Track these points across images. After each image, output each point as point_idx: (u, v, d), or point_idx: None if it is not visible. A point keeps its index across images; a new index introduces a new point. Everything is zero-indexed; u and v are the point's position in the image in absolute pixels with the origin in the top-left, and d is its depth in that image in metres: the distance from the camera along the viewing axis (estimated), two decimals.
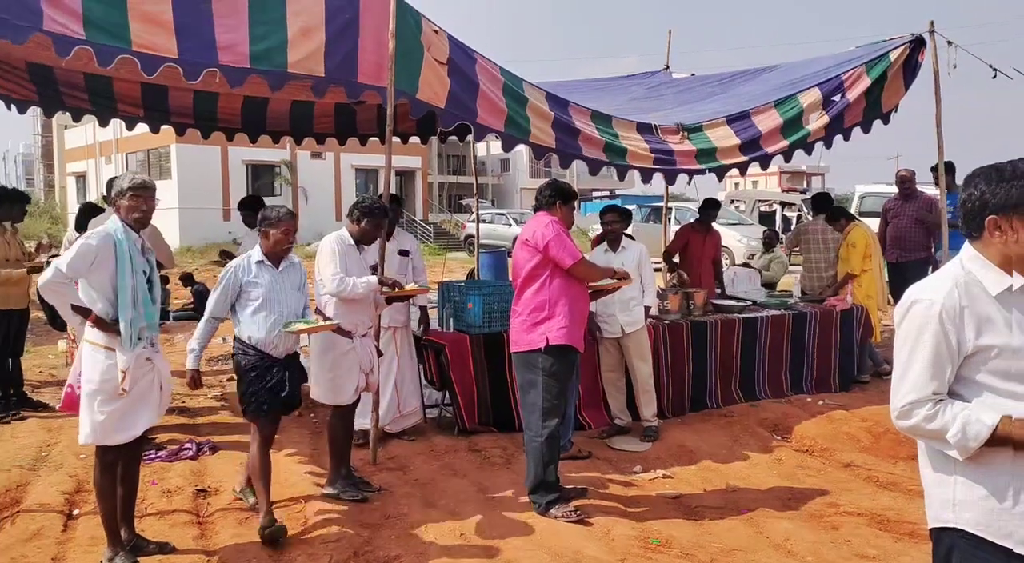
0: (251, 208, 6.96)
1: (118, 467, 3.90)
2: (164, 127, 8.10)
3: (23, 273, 6.37)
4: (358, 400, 5.00)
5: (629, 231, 6.60)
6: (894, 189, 15.35)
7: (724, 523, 4.56)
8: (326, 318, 4.67)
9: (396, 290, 4.97)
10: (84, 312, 3.77)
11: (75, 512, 4.60)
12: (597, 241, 6.87)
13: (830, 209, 8.33)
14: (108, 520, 3.87)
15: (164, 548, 4.04)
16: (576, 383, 5.83)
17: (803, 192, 37.41)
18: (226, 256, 7.19)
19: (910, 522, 4.50)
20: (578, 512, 4.54)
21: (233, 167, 33.19)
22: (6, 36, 4.15)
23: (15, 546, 4.13)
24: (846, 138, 7.40)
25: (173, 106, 7.63)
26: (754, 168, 7.43)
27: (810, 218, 9.50)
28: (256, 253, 4.36)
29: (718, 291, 8.10)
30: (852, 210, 12.60)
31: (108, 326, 3.74)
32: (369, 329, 4.97)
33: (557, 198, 4.79)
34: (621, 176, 6.65)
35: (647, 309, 6.17)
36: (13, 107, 7.03)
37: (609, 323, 6.05)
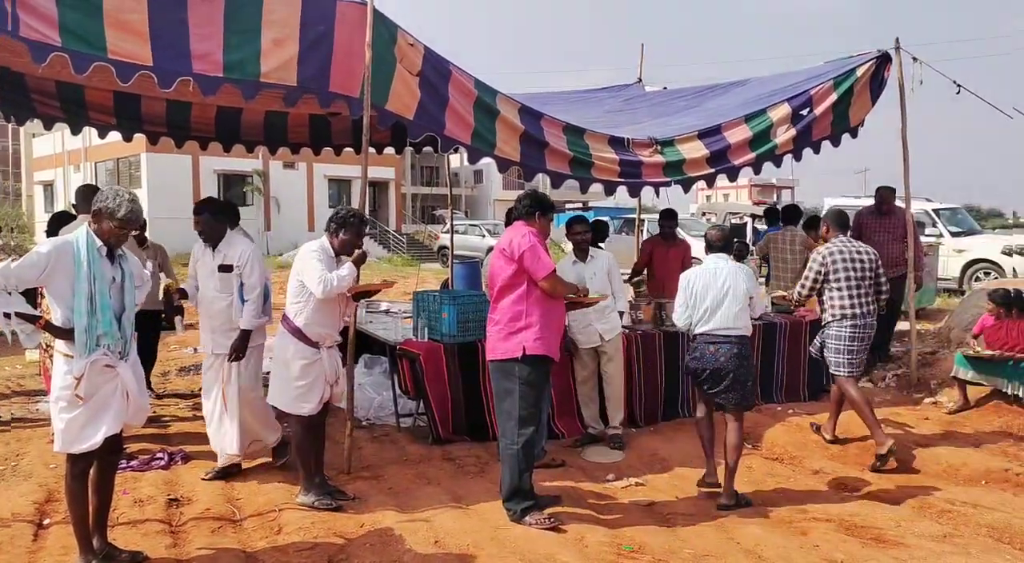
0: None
1: (88, 475, 3.87)
2: (136, 136, 8.07)
3: None
4: (325, 410, 4.99)
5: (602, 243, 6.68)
6: (863, 203, 15.54)
7: (696, 529, 4.62)
8: None
9: (364, 286, 4.96)
10: (30, 319, 3.74)
11: (46, 522, 4.55)
12: None
13: (802, 220, 8.47)
14: (79, 528, 3.84)
15: (136, 557, 4.01)
16: (549, 391, 5.88)
17: (773, 205, 37.88)
18: None
19: (877, 527, 4.60)
20: (552, 519, 4.57)
21: (204, 176, 32.96)
22: None
23: None
24: (816, 151, 7.54)
25: (146, 115, 7.60)
26: (725, 181, 7.55)
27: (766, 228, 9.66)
28: None
29: None
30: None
31: (61, 332, 3.70)
32: (336, 341, 4.98)
33: (536, 209, 4.82)
34: (583, 189, 6.73)
35: (620, 314, 6.26)
36: None
37: (586, 333, 6.08)
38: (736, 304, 5.05)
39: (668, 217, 8.38)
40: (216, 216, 5.33)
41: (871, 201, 8.92)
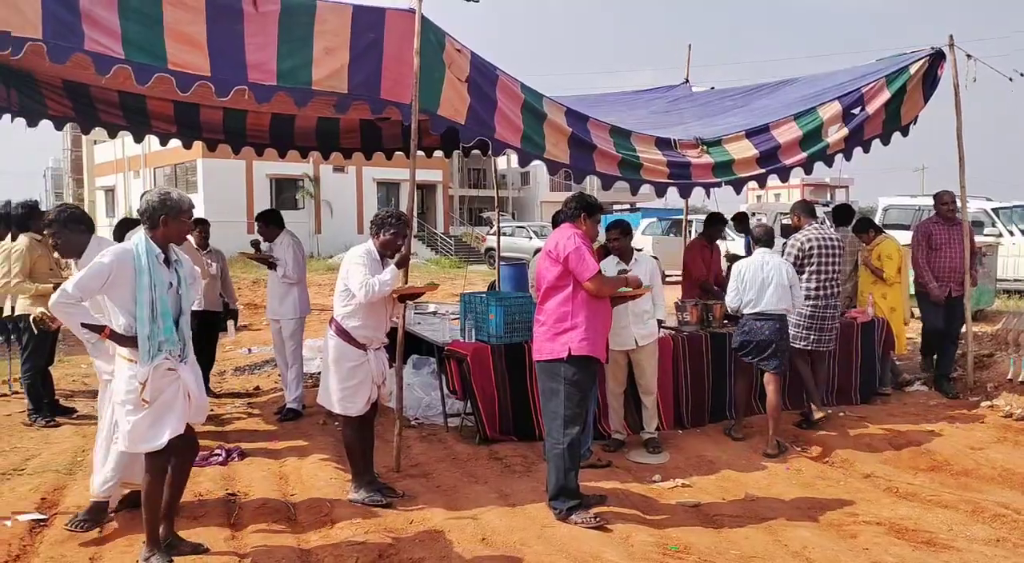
0: (265, 221, 7.13)
1: (166, 472, 4.00)
2: (194, 142, 8.35)
3: (49, 288, 6.47)
4: (374, 409, 5.08)
5: (646, 245, 6.69)
6: (919, 202, 15.03)
7: (742, 531, 4.61)
8: None
9: (409, 286, 5.03)
10: (97, 329, 3.82)
11: (111, 514, 4.73)
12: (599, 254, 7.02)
13: (853, 221, 8.33)
14: (150, 521, 3.97)
15: (198, 549, 4.15)
16: (595, 393, 5.91)
17: (826, 205, 37.27)
18: (256, 247, 7.36)
19: (928, 531, 4.54)
20: (598, 518, 4.61)
21: (257, 181, 33.67)
22: (49, 55, 4.34)
23: (54, 546, 4.27)
24: (866, 150, 7.45)
25: (204, 123, 7.84)
26: (776, 181, 7.49)
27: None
28: None
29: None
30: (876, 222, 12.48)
31: (125, 340, 3.81)
32: (383, 343, 5.07)
33: (582, 211, 4.87)
34: (634, 191, 6.75)
35: (660, 322, 6.26)
36: (50, 123, 7.28)
37: (621, 335, 5.97)
38: (778, 290, 6.11)
39: (719, 222, 8.31)
40: (68, 226, 4.48)
41: (927, 200, 8.66)
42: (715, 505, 5.06)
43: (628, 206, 42.07)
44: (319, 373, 8.44)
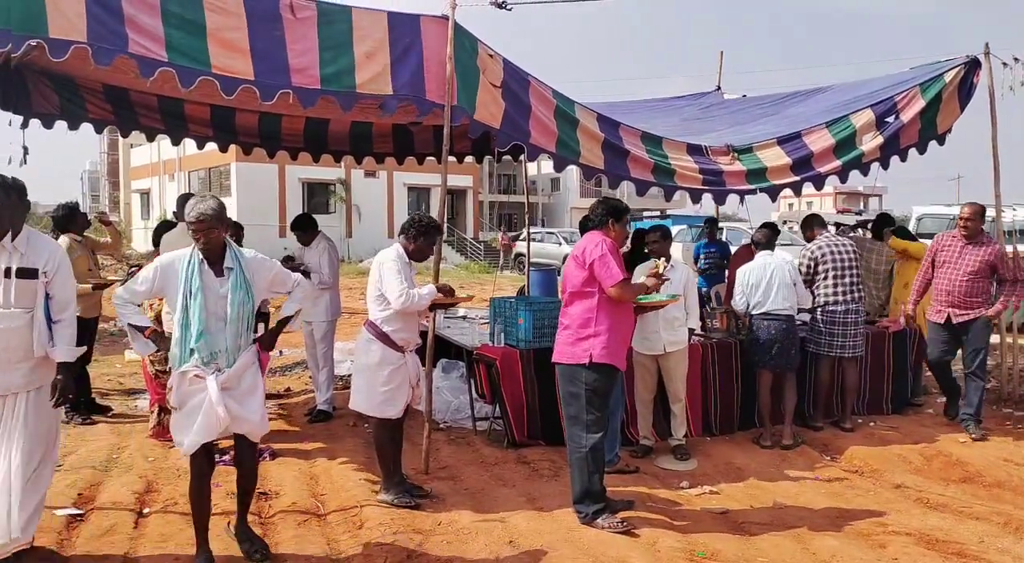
0: (303, 228, 7.22)
1: (205, 477, 4.03)
2: (230, 146, 8.48)
3: (88, 288, 6.59)
4: (404, 412, 5.12)
5: (675, 252, 6.73)
6: (954, 211, 14.74)
7: (770, 539, 4.60)
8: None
9: (446, 297, 5.09)
10: (141, 329, 3.97)
11: (145, 511, 4.84)
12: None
13: (892, 229, 8.25)
14: (195, 521, 4.04)
15: (264, 552, 4.17)
16: (623, 398, 5.92)
17: (859, 213, 36.83)
18: (289, 260, 7.45)
19: (958, 542, 4.49)
20: (624, 523, 4.62)
21: (290, 185, 34.07)
22: (94, 57, 4.45)
23: (90, 541, 4.36)
24: (903, 159, 7.38)
25: (240, 126, 7.98)
26: (809, 189, 7.45)
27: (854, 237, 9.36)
28: None
29: None
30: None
31: (162, 341, 3.96)
32: (417, 345, 5.13)
33: (609, 217, 4.88)
34: (668, 197, 6.77)
35: (691, 331, 6.26)
36: (90, 126, 7.44)
37: (650, 340, 6.00)
38: (783, 289, 6.39)
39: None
40: (23, 199, 3.81)
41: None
42: (743, 512, 5.05)
43: (659, 213, 41.92)
44: (350, 375, 8.53)
